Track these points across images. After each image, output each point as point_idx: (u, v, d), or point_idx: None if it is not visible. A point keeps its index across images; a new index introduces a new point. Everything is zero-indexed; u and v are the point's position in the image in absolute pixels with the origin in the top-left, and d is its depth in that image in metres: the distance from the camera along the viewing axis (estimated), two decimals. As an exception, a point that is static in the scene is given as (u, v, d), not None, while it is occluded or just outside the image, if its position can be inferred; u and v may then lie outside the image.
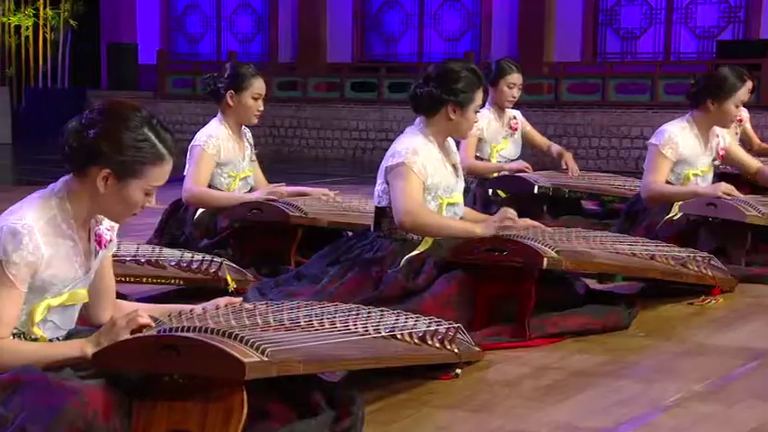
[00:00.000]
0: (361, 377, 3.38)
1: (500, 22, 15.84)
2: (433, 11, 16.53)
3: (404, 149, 4.28)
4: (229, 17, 18.23)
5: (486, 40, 16.06)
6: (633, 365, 3.76)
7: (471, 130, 4.48)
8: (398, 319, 3.34)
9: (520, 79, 7.24)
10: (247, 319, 2.82)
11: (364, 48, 17.06)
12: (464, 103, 4.33)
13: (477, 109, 4.40)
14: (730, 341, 4.13)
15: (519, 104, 13.28)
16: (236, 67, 5.56)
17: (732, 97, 5.69)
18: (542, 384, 3.49)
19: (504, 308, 4.11)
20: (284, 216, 5.16)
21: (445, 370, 3.54)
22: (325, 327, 3.01)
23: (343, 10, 16.91)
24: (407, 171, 4.22)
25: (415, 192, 4.23)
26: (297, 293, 4.27)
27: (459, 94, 4.32)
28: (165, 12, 18.73)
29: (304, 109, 15.00)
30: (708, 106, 5.73)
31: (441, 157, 4.39)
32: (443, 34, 16.48)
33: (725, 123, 5.78)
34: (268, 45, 17.78)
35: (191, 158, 5.40)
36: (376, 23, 16.97)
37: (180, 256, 4.59)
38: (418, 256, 4.20)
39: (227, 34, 18.27)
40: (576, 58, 15.16)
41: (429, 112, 4.37)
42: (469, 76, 4.35)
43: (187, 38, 18.67)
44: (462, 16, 16.32)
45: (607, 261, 4.37)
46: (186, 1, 18.58)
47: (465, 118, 4.36)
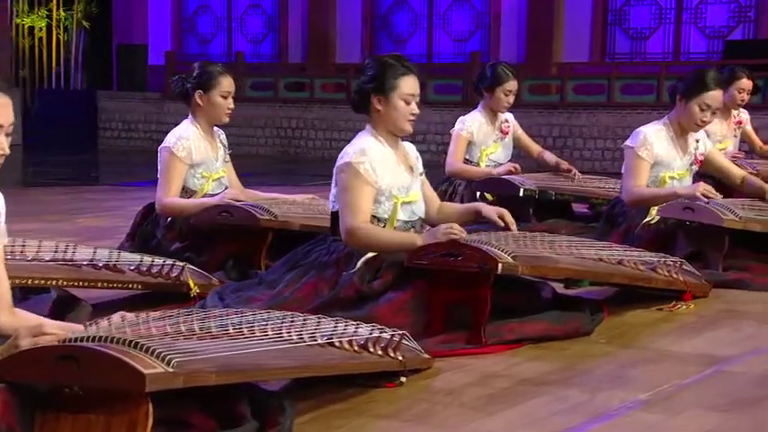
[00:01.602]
0: (304, 385, 3.35)
1: (509, 22, 15.77)
2: (442, 11, 16.48)
3: (352, 150, 4.24)
4: (240, 18, 18.24)
5: (494, 40, 15.99)
6: (585, 373, 3.70)
7: (407, 120, 4.28)
8: (337, 326, 3.30)
9: (515, 85, 7.19)
10: (169, 326, 2.78)
11: (373, 48, 17.01)
12: (386, 90, 4.21)
13: (408, 98, 4.24)
14: (691, 348, 4.06)
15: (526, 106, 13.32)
16: (203, 66, 5.53)
17: (697, 98, 5.59)
18: (486, 393, 3.43)
19: (461, 314, 4.05)
20: (253, 219, 5.12)
21: (390, 378, 3.48)
22: (255, 334, 2.97)
23: (352, 10, 16.88)
24: (353, 175, 4.16)
25: (361, 204, 4.16)
26: (254, 299, 4.23)
27: (377, 81, 4.22)
28: (177, 12, 18.75)
29: (311, 110, 14.97)
30: (677, 103, 5.67)
31: (393, 156, 4.33)
32: (452, 35, 16.43)
33: (689, 125, 5.68)
34: (278, 46, 17.77)
35: (160, 164, 5.37)
36: (385, 24, 16.94)
37: (139, 260, 4.55)
38: (375, 258, 4.14)
39: (237, 35, 18.28)
40: (585, 59, 15.08)
41: (364, 109, 4.32)
42: (390, 62, 4.25)
43: (198, 38, 18.70)
44: (471, 16, 16.26)
45: (569, 266, 4.31)
46: (197, 2, 18.60)
47: (392, 107, 4.23)
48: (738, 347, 4.06)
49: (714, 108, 5.64)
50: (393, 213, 4.28)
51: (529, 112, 13.44)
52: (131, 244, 5.48)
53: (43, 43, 19.59)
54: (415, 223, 4.39)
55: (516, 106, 13.16)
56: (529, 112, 13.43)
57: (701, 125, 5.69)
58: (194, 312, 3.00)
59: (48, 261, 4.22)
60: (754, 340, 4.20)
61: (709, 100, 5.60)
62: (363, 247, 4.16)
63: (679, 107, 5.69)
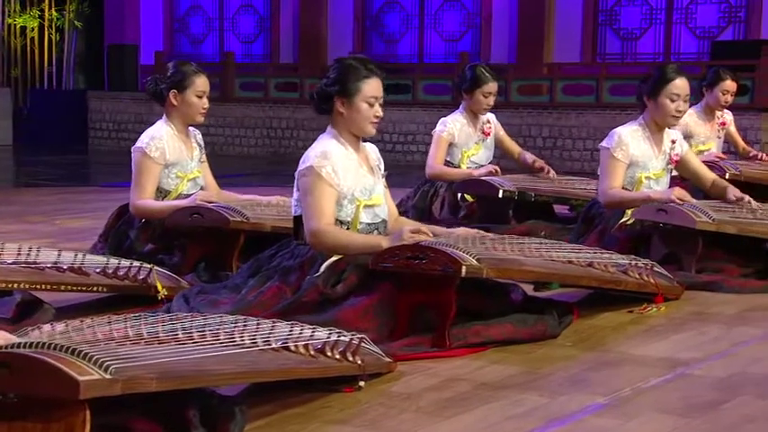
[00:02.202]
0: (262, 389, 3.33)
1: (500, 22, 15.75)
2: (433, 11, 16.46)
3: (314, 153, 4.22)
4: (232, 18, 18.21)
5: (486, 40, 15.97)
6: (546, 377, 3.68)
7: (370, 123, 4.27)
8: (293, 330, 3.28)
9: (495, 88, 7.15)
10: (116, 331, 2.76)
11: (365, 48, 16.98)
12: (349, 93, 4.20)
13: (371, 101, 4.23)
14: (656, 351, 4.04)
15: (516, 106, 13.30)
16: (177, 65, 5.52)
17: (664, 90, 5.60)
18: (444, 397, 3.42)
19: (426, 317, 4.03)
20: (224, 221, 5.11)
21: (349, 382, 3.47)
22: (206, 339, 2.96)
23: (343, 10, 16.87)
24: (315, 179, 4.15)
25: (324, 207, 4.15)
26: (219, 302, 4.22)
27: (339, 84, 4.21)
28: (169, 13, 18.73)
29: (301, 110, 14.95)
30: (646, 104, 5.68)
31: (355, 158, 4.31)
32: (444, 35, 16.41)
33: (665, 120, 5.69)
34: (270, 46, 17.76)
35: (134, 165, 5.36)
36: (376, 24, 16.92)
37: (105, 262, 4.54)
38: (339, 262, 4.13)
39: (229, 35, 18.26)
40: (576, 59, 15.06)
41: (326, 111, 4.30)
42: (354, 65, 4.24)
43: (190, 39, 18.68)
44: (462, 16, 16.24)
45: (535, 268, 4.29)
46: (189, 2, 18.58)
47: (355, 110, 4.22)
48: (703, 350, 4.05)
49: (684, 96, 5.65)
50: (355, 216, 4.27)
51: (519, 112, 13.45)
52: (104, 245, 5.48)
53: (35, 43, 19.56)
54: (378, 225, 4.37)
55: (506, 106, 13.32)
56: (519, 113, 13.45)
57: (677, 116, 5.70)
58: (143, 317, 2.98)
59: (9, 264, 4.20)
60: (719, 343, 4.18)
61: (676, 89, 5.62)
62: (328, 250, 4.15)
63: (650, 107, 5.70)
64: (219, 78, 15.69)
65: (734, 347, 4.11)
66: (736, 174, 7.55)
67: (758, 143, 11.91)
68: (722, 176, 7.47)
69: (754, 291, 5.17)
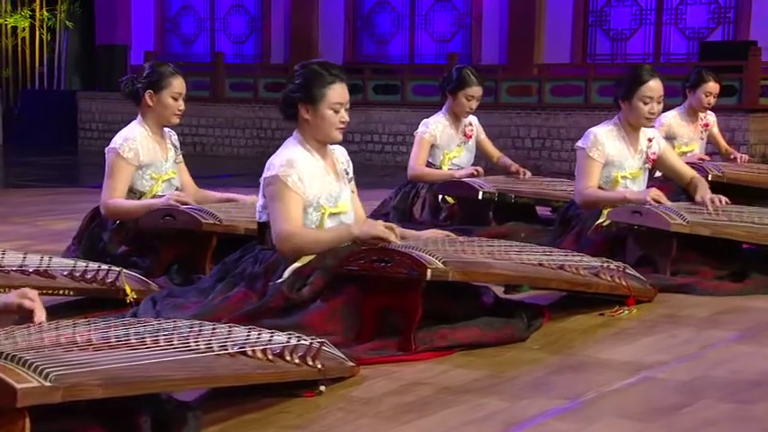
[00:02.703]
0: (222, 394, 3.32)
1: (490, 23, 15.75)
2: (423, 12, 16.44)
3: (279, 161, 4.19)
4: (223, 18, 18.20)
5: (476, 41, 15.97)
6: (509, 380, 3.66)
7: (335, 129, 4.25)
8: (251, 335, 3.26)
9: (479, 91, 7.14)
10: (64, 337, 2.74)
11: (356, 49, 16.99)
12: (313, 99, 4.18)
13: (336, 107, 4.21)
14: (622, 354, 4.03)
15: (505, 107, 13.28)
16: (154, 66, 5.50)
17: (637, 93, 5.60)
18: (404, 401, 3.40)
19: (393, 320, 4.02)
20: (196, 223, 5.09)
21: (310, 387, 3.45)
22: (159, 344, 2.93)
23: (334, 11, 16.86)
24: (281, 187, 4.13)
25: (291, 212, 4.13)
26: (185, 306, 4.21)
27: (303, 90, 4.18)
28: (160, 13, 18.71)
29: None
30: (620, 105, 5.67)
31: (321, 165, 4.30)
32: (434, 35, 16.40)
33: (639, 121, 5.68)
34: (261, 46, 17.74)
35: (107, 166, 5.34)
36: (367, 24, 16.91)
37: (73, 265, 4.51)
38: (303, 267, 4.11)
39: (220, 35, 18.25)
40: (566, 60, 15.06)
41: (292, 117, 4.28)
42: (318, 71, 4.21)
43: (181, 39, 18.67)
44: (453, 17, 16.24)
45: (503, 271, 4.28)
46: (180, 2, 18.56)
47: (319, 116, 4.20)
48: (670, 354, 4.03)
49: (657, 98, 5.64)
50: (320, 224, 4.25)
51: (507, 113, 13.43)
52: (78, 248, 5.45)
53: (26, 43, 19.54)
54: None
55: (495, 107, 13.30)
56: (507, 114, 13.43)
57: (650, 117, 5.69)
58: (94, 322, 2.96)
59: (-27, 267, 4.18)
60: (687, 346, 4.17)
61: (649, 91, 5.61)
62: (298, 251, 4.12)
63: (624, 109, 5.71)
64: (209, 78, 15.70)
65: (701, 351, 4.10)
66: (718, 175, 7.53)
67: (746, 144, 11.90)
68: (704, 177, 7.49)
69: (728, 293, 5.16)
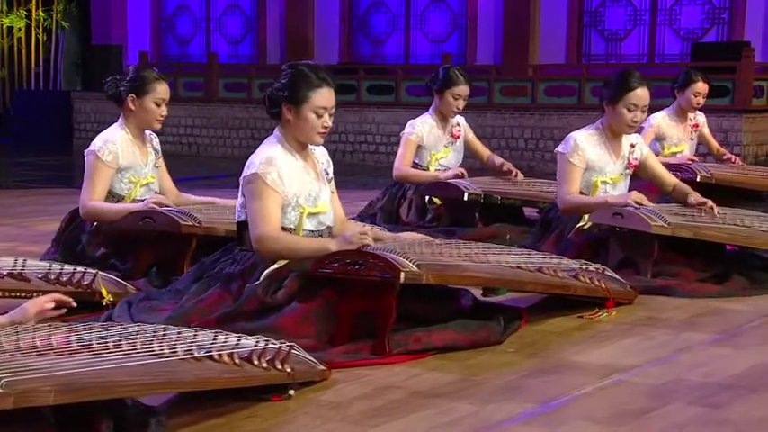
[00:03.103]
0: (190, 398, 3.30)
1: (486, 23, 15.73)
2: (419, 12, 16.43)
3: (258, 160, 4.18)
4: (219, 18, 18.19)
5: (471, 41, 15.95)
6: (481, 384, 3.65)
7: (317, 133, 4.24)
8: (217, 339, 3.26)
9: (466, 91, 7.11)
10: (23, 342, 2.74)
11: (351, 49, 16.98)
12: (297, 101, 4.17)
13: (320, 111, 4.20)
14: (597, 357, 4.02)
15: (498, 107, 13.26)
16: (139, 70, 5.47)
17: (623, 99, 5.56)
18: (373, 406, 3.39)
19: (368, 323, 4.01)
20: (175, 225, 5.07)
21: (279, 391, 3.43)
22: (121, 349, 2.93)
23: (330, 11, 16.84)
24: (261, 185, 4.12)
25: (270, 213, 4.12)
26: (160, 308, 4.20)
27: (288, 90, 4.17)
28: (156, 13, 18.70)
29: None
30: (605, 109, 5.64)
31: (301, 165, 4.28)
32: (429, 36, 16.38)
33: (621, 128, 5.64)
34: (257, 46, 17.73)
35: (86, 168, 5.33)
36: (363, 25, 16.89)
37: (48, 267, 4.50)
38: (280, 270, 4.10)
39: (216, 36, 18.24)
40: (561, 60, 15.03)
41: (275, 116, 4.27)
42: (306, 72, 4.19)
43: (177, 39, 18.65)
44: (448, 17, 16.22)
45: (478, 274, 4.26)
46: (176, 2, 18.55)
47: (302, 119, 4.19)
48: (644, 357, 4.02)
49: (642, 106, 5.60)
50: (299, 224, 4.24)
51: (501, 114, 13.42)
52: (57, 250, 5.44)
53: (22, 44, 19.54)
54: (322, 233, 4.34)
55: (488, 108, 13.28)
56: (501, 114, 13.42)
57: (632, 125, 5.65)
58: (54, 327, 2.95)
59: (-55, 270, 4.17)
60: (663, 349, 4.15)
61: (635, 99, 5.57)
62: (274, 255, 4.11)
63: (608, 112, 5.67)
64: (204, 79, 15.69)
65: (676, 353, 4.09)
66: (707, 176, 7.54)
67: (738, 145, 11.89)
68: (693, 179, 7.50)
69: (708, 295, 5.15)
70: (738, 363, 3.95)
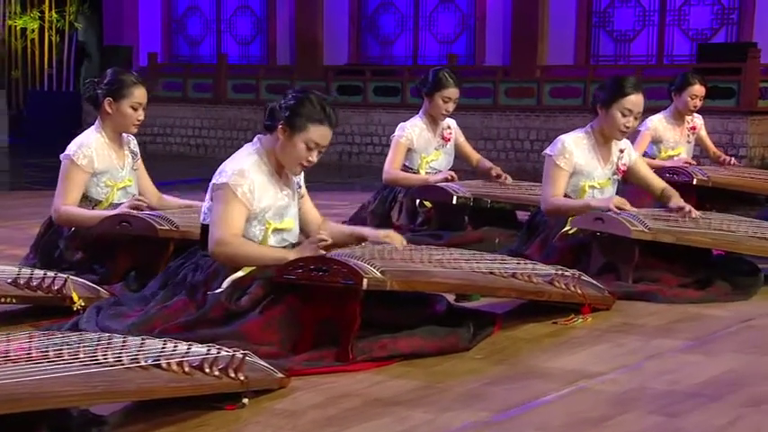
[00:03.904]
0: (144, 407, 3.28)
1: (494, 24, 15.67)
2: (427, 13, 16.39)
3: (231, 169, 4.14)
4: (229, 19, 18.19)
5: (480, 42, 15.89)
6: (441, 392, 3.61)
7: (298, 164, 4.19)
8: (166, 347, 3.23)
9: (456, 94, 7.06)
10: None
11: (360, 50, 16.95)
12: (293, 126, 4.12)
13: (312, 145, 4.14)
14: (565, 364, 3.98)
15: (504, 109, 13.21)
16: (116, 73, 5.44)
17: (617, 104, 5.51)
18: (327, 415, 3.36)
19: (332, 330, 3.97)
20: (152, 230, 5.05)
21: (233, 399, 3.40)
22: (62, 358, 2.90)
23: (339, 11, 16.81)
24: (230, 195, 4.08)
25: (233, 219, 4.08)
26: (125, 315, 4.18)
27: (290, 113, 4.11)
28: (167, 14, 18.73)
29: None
30: (597, 112, 5.59)
31: (275, 180, 4.25)
32: (438, 36, 16.33)
33: (612, 132, 5.59)
34: (266, 47, 17.72)
35: (60, 172, 5.31)
36: (371, 25, 16.86)
37: (17, 272, 4.49)
38: (243, 278, 4.06)
39: (226, 36, 18.24)
40: (570, 61, 14.96)
41: (268, 128, 4.23)
42: (313, 102, 4.13)
43: (188, 40, 18.66)
44: (457, 18, 16.16)
45: (447, 280, 4.23)
46: (187, 3, 18.57)
47: (291, 144, 4.14)
48: (612, 363, 3.98)
49: (636, 113, 5.55)
50: (263, 239, 4.21)
51: (506, 115, 13.38)
52: (35, 255, 5.43)
53: (35, 45, 19.63)
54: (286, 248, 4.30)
55: (494, 109, 13.24)
56: (506, 116, 13.37)
57: (624, 131, 5.60)
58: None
59: None
60: (632, 356, 4.11)
61: (630, 104, 5.51)
62: (231, 260, 4.08)
63: (601, 115, 5.61)
64: (212, 80, 15.70)
65: (645, 361, 4.04)
66: (703, 179, 7.48)
67: (744, 147, 11.81)
68: (689, 182, 7.45)
69: (689, 301, 5.10)
70: (707, 370, 3.91)
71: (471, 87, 13.98)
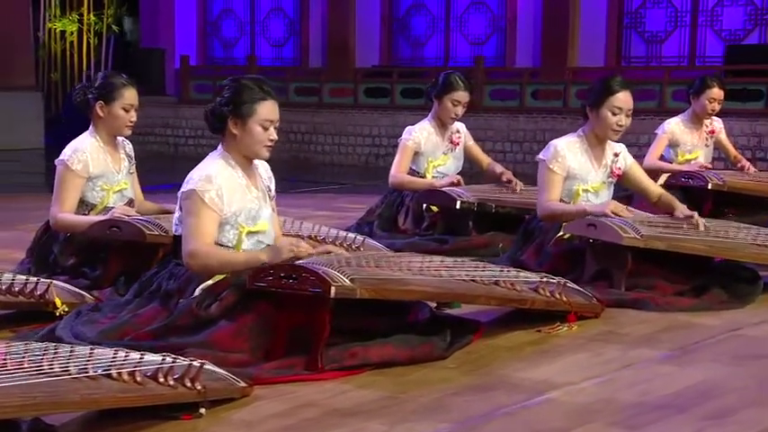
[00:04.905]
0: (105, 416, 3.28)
1: (525, 25, 15.59)
2: (458, 14, 16.33)
3: (198, 176, 4.14)
4: (263, 22, 18.24)
5: (510, 43, 15.82)
6: (404, 402, 3.58)
7: (263, 146, 4.22)
8: (117, 356, 3.22)
9: (466, 97, 7.03)
10: None
11: (391, 51, 16.92)
12: (243, 114, 4.12)
13: (266, 124, 4.17)
14: (538, 374, 3.93)
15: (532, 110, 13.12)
16: (106, 76, 5.47)
17: (606, 103, 5.45)
18: (283, 425, 3.34)
19: (304, 337, 3.95)
20: (141, 235, 5.06)
21: (190, 409, 3.39)
22: (5, 368, 2.90)
23: (371, 13, 16.79)
24: (198, 203, 4.07)
25: (204, 228, 4.07)
26: (98, 321, 4.17)
27: (233, 104, 4.13)
28: (202, 16, 18.82)
29: (320, 114, 14.94)
30: (588, 114, 5.54)
31: (244, 182, 4.24)
32: (469, 38, 16.27)
33: (606, 133, 5.53)
34: (299, 49, 17.75)
35: (56, 178, 5.34)
36: (403, 27, 16.83)
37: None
38: (216, 285, 4.05)
39: (260, 39, 18.30)
40: (600, 63, 14.82)
41: (219, 131, 4.23)
42: (249, 85, 4.16)
43: (222, 42, 18.74)
44: (487, 20, 16.09)
45: (423, 288, 4.18)
46: (221, 5, 18.65)
47: (247, 132, 4.15)
48: (585, 373, 3.92)
49: (626, 110, 5.50)
50: (238, 242, 4.20)
51: (533, 117, 13.29)
52: (31, 260, 5.46)
53: (74, 47, 19.81)
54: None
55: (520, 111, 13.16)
56: (533, 118, 13.29)
57: (617, 130, 5.54)
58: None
59: None
60: (607, 366, 4.05)
61: (619, 102, 5.46)
62: (205, 270, 4.07)
63: (591, 118, 5.57)
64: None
65: (619, 371, 3.98)
66: (719, 184, 7.39)
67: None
68: (705, 186, 7.35)
69: (681, 309, 5.02)
70: (681, 380, 3.84)
71: (498, 89, 13.96)
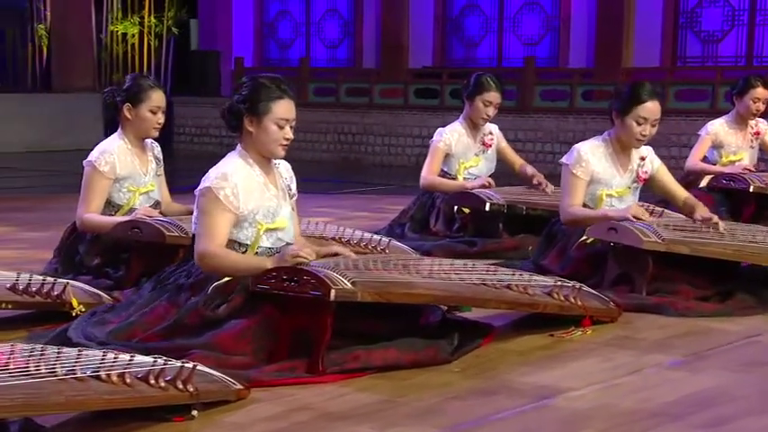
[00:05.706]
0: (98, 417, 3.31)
1: (579, 25, 15.43)
2: (512, 14, 16.23)
3: (214, 174, 4.15)
4: (318, 23, 18.30)
5: (564, 44, 15.68)
6: (399, 406, 3.56)
7: (279, 145, 4.21)
8: (106, 358, 3.23)
9: (497, 98, 7.00)
10: None
11: (445, 52, 16.88)
12: (258, 112, 4.13)
13: (281, 122, 4.16)
14: (542, 379, 3.88)
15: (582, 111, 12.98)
16: (134, 78, 5.52)
17: (632, 112, 5.37)
18: (274, 428, 3.33)
19: (307, 340, 3.95)
20: (161, 236, 5.10)
21: (182, 411, 3.40)
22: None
23: (424, 14, 16.75)
24: (213, 200, 4.09)
25: (216, 229, 4.09)
26: (108, 321, 4.21)
27: (249, 102, 4.14)
28: (258, 18, 18.92)
29: (370, 115, 14.96)
30: (615, 121, 5.47)
31: (261, 180, 4.25)
32: (522, 38, 16.16)
33: (630, 141, 5.46)
34: (353, 50, 17.78)
35: (83, 179, 5.39)
36: (456, 28, 16.77)
37: (15, 278, 4.56)
38: (228, 284, 4.07)
39: (315, 40, 18.35)
40: (656, 63, 14.64)
41: (236, 129, 4.24)
42: (266, 84, 4.16)
43: (278, 44, 18.83)
44: (541, 20, 15.97)
45: (428, 291, 4.15)
46: (278, 7, 18.74)
47: (263, 130, 4.16)
48: (589, 379, 3.88)
49: (652, 120, 5.41)
50: (255, 240, 4.21)
51: (582, 118, 13.18)
52: (59, 260, 5.53)
53: (135, 49, 20.02)
54: (281, 249, 4.25)
55: (570, 112, 13.04)
56: (582, 119, 13.18)
57: (641, 139, 5.47)
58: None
59: None
60: (614, 371, 4.00)
61: (645, 113, 5.38)
62: (214, 272, 4.09)
63: (617, 124, 5.50)
64: (297, 84, 15.82)
65: (626, 377, 3.93)
66: (761, 186, 7.26)
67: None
68: (746, 189, 7.23)
69: (701, 314, 4.94)
70: (685, 387, 3.79)
71: (549, 89, 13.86)
